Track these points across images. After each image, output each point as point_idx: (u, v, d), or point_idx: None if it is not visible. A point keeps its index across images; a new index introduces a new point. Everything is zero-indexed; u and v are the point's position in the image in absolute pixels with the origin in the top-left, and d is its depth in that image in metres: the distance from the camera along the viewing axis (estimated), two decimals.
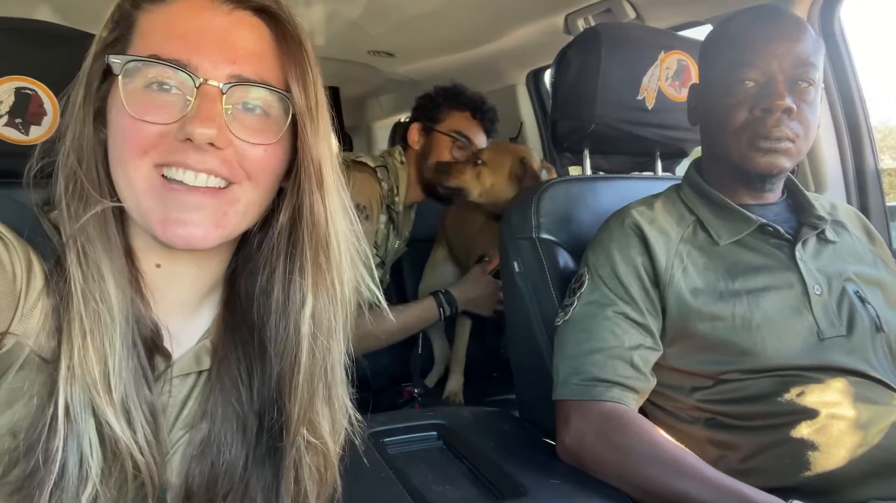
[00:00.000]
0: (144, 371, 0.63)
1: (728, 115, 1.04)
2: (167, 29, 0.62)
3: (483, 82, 2.68)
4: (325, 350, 0.69)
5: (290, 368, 0.68)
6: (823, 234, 1.11)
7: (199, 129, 0.59)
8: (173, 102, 0.61)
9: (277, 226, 0.68)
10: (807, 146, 1.06)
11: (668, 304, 1.03)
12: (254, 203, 0.66)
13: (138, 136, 0.60)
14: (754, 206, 1.11)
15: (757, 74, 1.02)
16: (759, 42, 1.03)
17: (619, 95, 1.29)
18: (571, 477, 0.95)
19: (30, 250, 0.61)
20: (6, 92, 0.90)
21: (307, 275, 0.67)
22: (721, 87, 1.05)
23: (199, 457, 0.68)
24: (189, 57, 0.60)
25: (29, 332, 0.60)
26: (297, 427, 0.68)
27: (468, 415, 1.18)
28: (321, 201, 0.66)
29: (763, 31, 1.03)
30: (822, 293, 1.04)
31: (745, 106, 1.02)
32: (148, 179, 0.61)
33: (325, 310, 0.68)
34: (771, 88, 1.01)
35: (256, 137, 0.63)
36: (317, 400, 0.69)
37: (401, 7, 2.00)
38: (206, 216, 0.62)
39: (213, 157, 0.61)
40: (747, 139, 1.03)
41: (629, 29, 1.50)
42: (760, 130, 1.01)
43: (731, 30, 1.08)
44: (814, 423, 0.95)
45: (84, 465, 0.59)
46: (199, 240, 0.62)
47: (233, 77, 0.62)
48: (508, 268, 1.27)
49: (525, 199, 1.27)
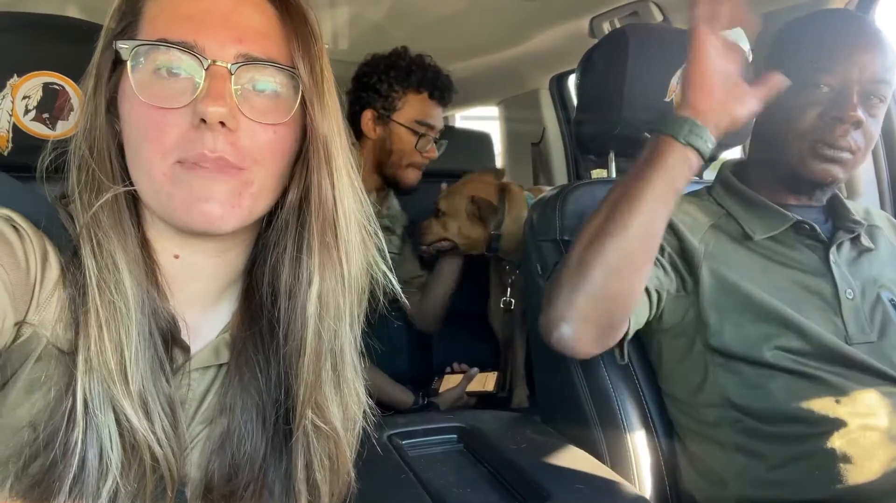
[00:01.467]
0: (162, 363, 0.63)
1: (796, 116, 1.01)
2: (172, 12, 0.62)
3: (506, 87, 2.69)
4: (331, 331, 0.68)
5: (297, 349, 0.67)
6: (859, 239, 1.08)
7: (212, 108, 0.59)
8: (183, 86, 0.60)
9: (287, 204, 0.67)
10: (863, 161, 1.04)
11: (703, 281, 1.01)
12: (266, 187, 0.65)
13: (154, 132, 0.60)
14: (793, 207, 1.08)
15: (834, 80, 0.99)
16: (843, 48, 1.00)
17: (647, 97, 1.27)
18: (595, 482, 0.93)
19: (46, 241, 0.61)
20: (34, 87, 0.90)
21: (314, 253, 0.66)
22: (792, 87, 1.01)
23: (218, 451, 0.68)
24: (196, 38, 0.60)
25: (46, 323, 0.59)
26: (304, 409, 0.67)
27: (489, 418, 1.16)
28: (328, 179, 0.66)
29: (850, 38, 1.01)
30: (854, 297, 1.02)
31: (816, 110, 1.00)
32: (168, 174, 0.61)
33: (333, 291, 0.68)
34: (845, 97, 0.98)
35: (267, 117, 0.63)
36: (324, 383, 0.69)
37: (424, 10, 2.00)
38: (223, 193, 0.61)
39: (224, 143, 0.60)
40: (810, 143, 1.00)
41: (657, 30, 1.48)
42: (827, 137, 0.99)
43: (813, 29, 1.05)
44: (845, 434, 0.93)
45: (104, 458, 0.58)
46: (218, 218, 0.61)
47: (240, 56, 0.61)
48: (531, 271, 1.26)
49: (549, 202, 1.26)
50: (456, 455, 1.04)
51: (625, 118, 1.27)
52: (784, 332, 0.98)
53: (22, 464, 0.58)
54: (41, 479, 0.57)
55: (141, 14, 0.64)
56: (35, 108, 0.91)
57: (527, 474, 0.92)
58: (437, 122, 1.80)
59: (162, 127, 0.60)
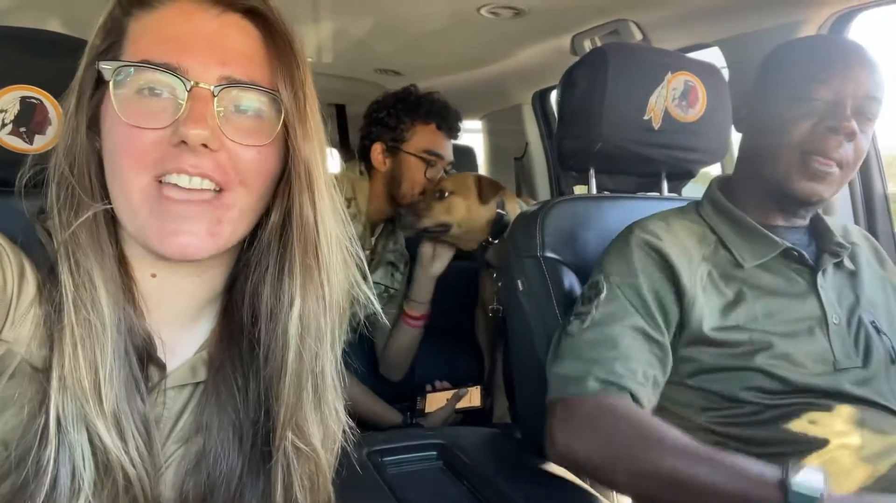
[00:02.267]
0: (137, 382, 0.62)
1: (789, 126, 1.01)
2: (156, 34, 0.62)
3: (489, 101, 2.70)
4: (312, 353, 0.68)
5: (278, 370, 0.67)
6: (842, 263, 1.09)
7: (193, 131, 0.59)
8: (165, 107, 0.60)
9: (268, 227, 0.68)
10: (848, 178, 1.04)
11: (689, 324, 1.01)
12: (247, 209, 0.65)
13: (134, 148, 0.60)
14: (780, 229, 1.09)
15: (828, 93, 1.00)
16: (838, 63, 1.01)
17: (626, 115, 1.29)
18: (574, 500, 0.93)
19: (23, 257, 0.61)
20: (11, 101, 0.89)
21: (296, 276, 0.66)
22: (787, 99, 1.02)
23: (194, 470, 0.67)
24: (179, 60, 0.60)
25: (20, 340, 0.59)
26: (284, 430, 0.67)
27: (468, 434, 1.16)
28: (310, 202, 0.66)
29: (844, 54, 1.03)
30: (839, 323, 1.03)
31: (810, 120, 1.00)
32: (145, 192, 0.60)
33: (314, 312, 0.68)
34: (840, 109, 0.99)
35: (249, 139, 0.63)
36: (305, 404, 0.68)
37: (408, 26, 2.01)
38: (201, 225, 0.62)
39: (207, 160, 0.60)
40: (801, 155, 1.00)
41: (636, 49, 1.50)
42: (819, 147, 0.99)
43: (809, 46, 1.08)
44: (824, 453, 0.93)
45: (76, 477, 0.58)
46: (195, 249, 0.62)
47: (223, 79, 0.61)
48: (512, 287, 1.26)
49: (530, 218, 1.27)
50: (435, 472, 1.04)
51: (604, 135, 1.28)
52: (754, 380, 0.98)
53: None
54: (12, 499, 0.57)
55: (125, 33, 0.64)
56: (12, 122, 0.90)
57: (506, 492, 0.92)
58: (445, 153, 1.83)
59: (142, 145, 0.60)
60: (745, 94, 1.15)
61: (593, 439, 0.92)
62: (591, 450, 0.92)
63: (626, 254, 1.06)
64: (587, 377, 0.97)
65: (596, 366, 0.98)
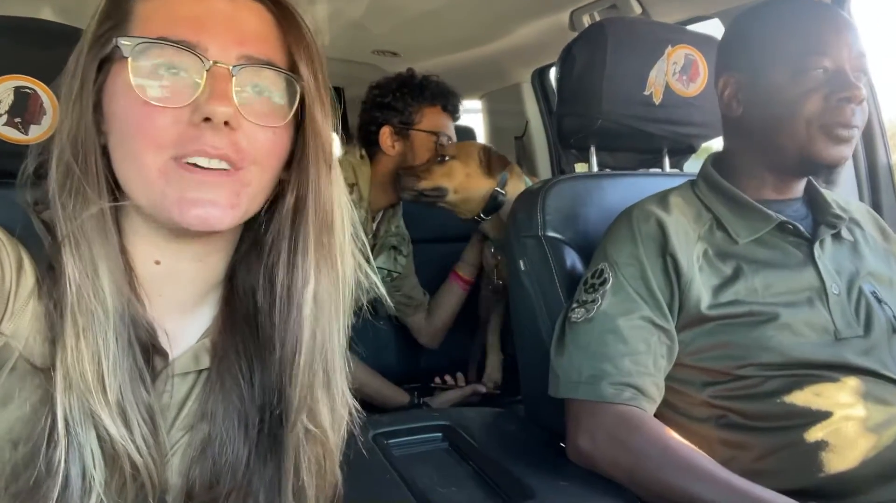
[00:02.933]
0: (140, 371, 0.62)
1: (798, 103, 1.00)
2: (171, 13, 0.62)
3: (488, 81, 2.68)
4: (325, 333, 0.68)
5: (292, 352, 0.67)
6: (839, 233, 1.09)
7: (220, 108, 0.59)
8: (183, 85, 0.60)
9: (283, 209, 0.68)
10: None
11: (687, 303, 1.01)
12: (261, 187, 0.66)
13: (152, 126, 0.59)
14: (774, 203, 1.08)
15: (828, 62, 1.00)
16: (830, 31, 1.01)
17: (626, 91, 1.28)
18: (580, 478, 0.94)
19: (21, 249, 0.60)
20: (5, 91, 0.88)
21: (309, 255, 0.67)
22: (787, 76, 1.01)
23: (199, 458, 0.67)
24: (198, 38, 0.60)
25: (19, 334, 0.59)
26: (298, 413, 0.68)
27: (473, 415, 1.17)
28: (329, 181, 0.67)
29: (831, 20, 1.02)
30: (839, 293, 1.03)
31: (819, 94, 1.00)
32: (162, 169, 0.60)
33: (328, 291, 0.68)
34: (843, 78, 0.99)
35: (266, 120, 0.63)
36: (316, 385, 0.69)
37: (405, 6, 1.99)
38: (222, 195, 0.61)
39: (226, 141, 0.60)
40: (821, 127, 1.00)
41: (635, 23, 1.48)
42: (840, 119, 0.99)
43: (790, 17, 1.05)
44: (828, 425, 0.93)
45: (87, 475, 0.58)
46: (217, 219, 0.61)
47: (242, 58, 0.61)
48: (514, 267, 1.26)
49: (531, 197, 1.26)
50: (440, 453, 1.05)
51: (605, 111, 1.27)
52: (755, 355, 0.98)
53: (4, 484, 0.57)
54: (26, 498, 0.57)
55: (130, 14, 0.63)
56: (7, 113, 0.89)
57: (511, 472, 0.93)
58: (452, 133, 1.86)
59: (159, 123, 0.59)
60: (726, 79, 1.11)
61: (618, 454, 0.94)
62: (616, 464, 0.94)
63: (628, 239, 1.06)
64: (600, 379, 0.98)
65: (607, 363, 0.98)
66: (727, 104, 1.11)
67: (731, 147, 1.15)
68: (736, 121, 1.10)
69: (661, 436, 0.93)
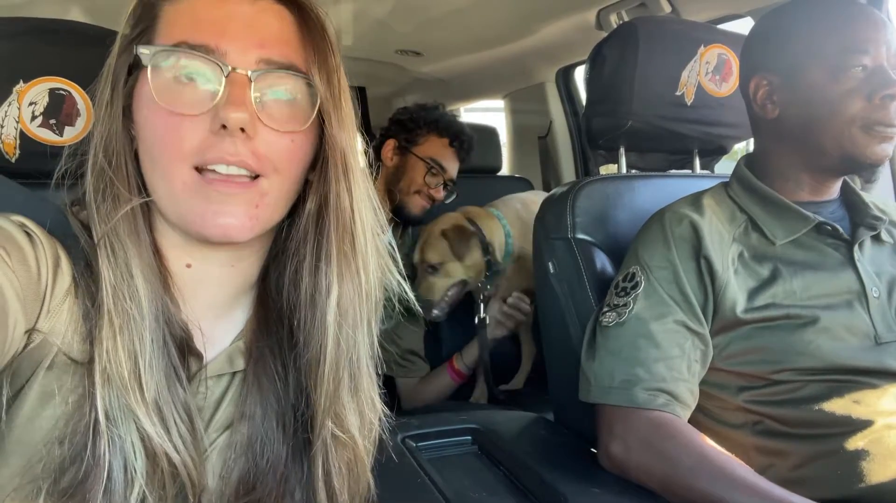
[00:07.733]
0: (176, 370, 0.62)
1: (840, 101, 0.99)
2: (193, 17, 0.62)
3: (511, 80, 2.67)
4: (350, 340, 0.68)
5: (316, 358, 0.67)
6: (879, 235, 1.06)
7: (234, 114, 0.59)
8: (203, 92, 0.60)
9: (305, 214, 0.68)
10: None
11: (722, 306, 0.99)
12: (282, 195, 0.65)
13: (175, 135, 0.60)
14: (810, 204, 1.06)
15: (868, 60, 0.98)
16: (867, 28, 0.99)
17: (657, 91, 1.26)
18: (612, 485, 0.92)
19: (58, 247, 0.61)
20: (40, 93, 0.89)
21: (333, 262, 0.67)
22: (826, 75, 0.99)
23: (240, 459, 0.68)
24: (217, 42, 0.60)
25: (56, 331, 0.59)
26: (324, 418, 0.68)
27: (502, 419, 1.16)
28: (346, 189, 0.66)
29: (866, 18, 1.00)
30: (879, 296, 1.00)
31: (860, 93, 0.98)
32: (186, 182, 0.61)
33: (351, 299, 0.68)
34: (885, 75, 0.97)
35: (284, 125, 0.63)
36: (342, 391, 0.68)
37: (428, 5, 1.98)
38: (240, 206, 0.62)
39: (244, 147, 0.60)
40: (863, 127, 0.98)
41: (667, 23, 1.46)
42: (883, 118, 0.97)
43: (825, 15, 1.03)
44: (869, 433, 0.91)
45: (129, 468, 0.58)
46: (236, 231, 0.62)
47: (261, 61, 0.61)
48: (542, 269, 1.25)
49: (560, 199, 1.24)
50: (470, 457, 1.04)
51: (635, 112, 1.25)
52: (793, 359, 0.96)
53: (52, 480, 0.57)
54: (74, 493, 0.57)
55: (158, 18, 0.63)
56: (42, 115, 0.90)
57: (543, 477, 0.92)
58: (450, 168, 1.89)
59: (181, 133, 0.60)
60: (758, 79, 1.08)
61: (651, 461, 0.92)
62: (649, 472, 0.92)
63: (660, 241, 1.04)
64: (633, 384, 0.96)
65: (640, 368, 0.97)
66: (761, 106, 1.08)
67: (764, 148, 1.13)
68: (771, 122, 1.08)
69: (696, 443, 0.91)
